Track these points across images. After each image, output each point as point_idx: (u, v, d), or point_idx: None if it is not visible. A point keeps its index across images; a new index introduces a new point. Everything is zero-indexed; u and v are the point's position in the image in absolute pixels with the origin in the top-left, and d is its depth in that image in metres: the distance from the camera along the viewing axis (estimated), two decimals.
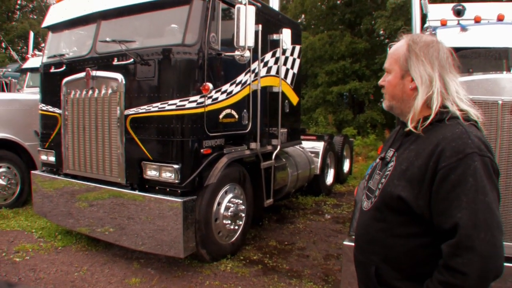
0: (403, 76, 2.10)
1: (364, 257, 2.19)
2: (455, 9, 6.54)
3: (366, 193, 2.29)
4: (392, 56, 2.15)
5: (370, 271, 2.10)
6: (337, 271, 6.31)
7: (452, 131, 1.92)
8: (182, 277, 6.02)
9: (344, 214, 9.72)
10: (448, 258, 1.79)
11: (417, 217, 1.93)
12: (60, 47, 7.68)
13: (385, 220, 2.05)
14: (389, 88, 2.17)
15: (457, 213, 1.79)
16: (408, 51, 2.08)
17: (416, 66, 2.05)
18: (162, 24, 6.52)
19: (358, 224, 2.32)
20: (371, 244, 2.13)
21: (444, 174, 1.83)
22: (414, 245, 1.97)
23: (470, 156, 1.83)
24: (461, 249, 1.76)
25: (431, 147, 1.92)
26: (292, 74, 8.79)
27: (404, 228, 1.99)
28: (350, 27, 25.00)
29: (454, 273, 1.77)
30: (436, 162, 1.87)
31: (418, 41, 2.10)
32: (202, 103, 6.02)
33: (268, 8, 8.02)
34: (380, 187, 2.10)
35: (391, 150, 2.22)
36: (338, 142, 12.91)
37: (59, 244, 7.15)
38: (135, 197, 6.11)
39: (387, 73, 2.19)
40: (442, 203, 1.84)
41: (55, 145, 7.36)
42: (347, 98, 25.66)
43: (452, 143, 1.87)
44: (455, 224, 1.78)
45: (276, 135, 8.06)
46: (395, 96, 2.16)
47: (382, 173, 2.16)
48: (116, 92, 6.24)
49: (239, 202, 6.82)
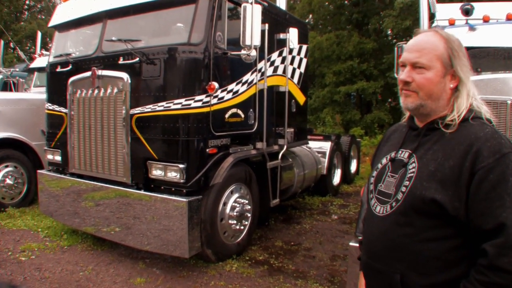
0: (445, 74, 2.01)
1: (384, 265, 2.07)
2: (464, 9, 6.48)
3: (378, 197, 2.17)
4: (431, 52, 2.00)
5: (394, 280, 2.00)
6: (343, 272, 6.27)
7: (483, 131, 1.89)
8: (187, 277, 6.00)
9: (351, 214, 9.66)
10: (495, 258, 1.74)
11: (450, 219, 1.87)
12: (67, 47, 7.69)
13: (412, 225, 1.96)
14: (429, 86, 2.01)
15: (502, 212, 1.76)
16: (449, 49, 2.00)
17: (459, 65, 2.00)
18: (168, 23, 6.51)
19: (370, 230, 2.20)
20: (393, 251, 2.02)
21: (483, 174, 1.80)
22: (444, 249, 1.91)
23: (507, 156, 1.81)
24: (508, 248, 1.73)
25: (463, 147, 1.88)
26: (299, 74, 8.75)
27: (434, 232, 1.92)
28: (357, 27, 24.92)
29: (501, 273, 1.74)
30: (473, 162, 1.82)
31: (453, 39, 2.04)
32: (208, 102, 6.00)
33: (275, 7, 7.99)
34: (404, 190, 2.00)
35: (405, 151, 2.12)
36: (345, 142, 12.86)
37: (64, 244, 7.16)
38: (141, 196, 6.10)
39: (420, 68, 2.02)
40: (482, 203, 1.80)
41: (61, 144, 7.36)
42: (354, 98, 25.59)
43: (487, 143, 1.84)
44: (500, 224, 1.75)
45: (282, 134, 8.02)
46: (433, 95, 2.02)
47: (400, 176, 2.07)
48: (121, 92, 6.23)
49: (245, 202, 6.79)
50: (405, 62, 2.07)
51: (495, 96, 3.94)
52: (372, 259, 2.17)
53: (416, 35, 2.13)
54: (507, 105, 3.85)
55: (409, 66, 2.05)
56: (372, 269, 2.18)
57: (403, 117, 2.36)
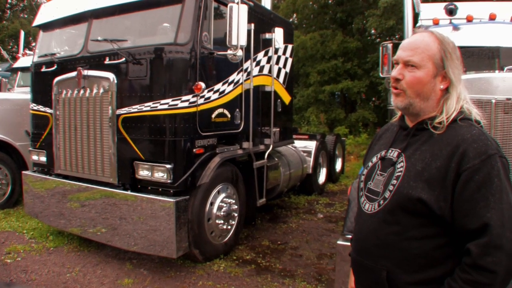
0: (436, 75, 2.03)
1: (372, 262, 2.11)
2: (448, 8, 6.56)
3: (367, 195, 2.21)
4: (424, 51, 2.03)
5: (380, 277, 2.04)
6: (330, 270, 6.31)
7: (470, 132, 1.92)
8: (175, 278, 5.99)
9: (336, 213, 9.71)
10: (478, 258, 1.79)
11: (436, 218, 1.91)
12: (51, 46, 7.62)
13: (399, 223, 2.00)
14: (417, 85, 2.04)
15: (486, 213, 1.80)
16: (443, 50, 2.02)
17: (452, 67, 2.03)
18: (154, 23, 6.47)
19: (360, 227, 2.24)
20: (381, 248, 2.06)
21: (469, 175, 1.83)
22: (430, 247, 1.94)
23: (493, 157, 1.85)
24: (491, 248, 1.77)
25: (450, 148, 1.91)
26: (285, 73, 8.78)
27: (420, 230, 1.95)
28: (341, 26, 25.02)
29: (484, 272, 1.78)
30: (459, 163, 1.86)
31: (448, 41, 2.06)
32: (195, 102, 6.00)
33: (261, 7, 8.01)
34: (392, 189, 2.04)
35: (395, 150, 2.16)
36: (330, 141, 12.93)
37: (50, 245, 7.10)
38: (127, 197, 6.08)
39: (412, 67, 2.04)
40: (467, 203, 1.84)
41: (47, 145, 7.30)
42: (338, 97, 25.68)
43: (473, 144, 1.87)
44: (485, 224, 1.79)
45: (268, 134, 8.05)
46: (422, 94, 2.05)
47: (388, 174, 2.11)
48: (108, 92, 6.20)
49: (231, 202, 6.80)
50: (398, 60, 2.10)
51: (480, 95, 3.98)
52: (360, 255, 2.21)
53: (413, 34, 2.17)
54: (492, 104, 3.90)
55: (402, 64, 2.08)
56: (361, 265, 2.21)
57: (394, 116, 2.39)
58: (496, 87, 3.96)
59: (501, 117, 3.88)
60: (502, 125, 3.88)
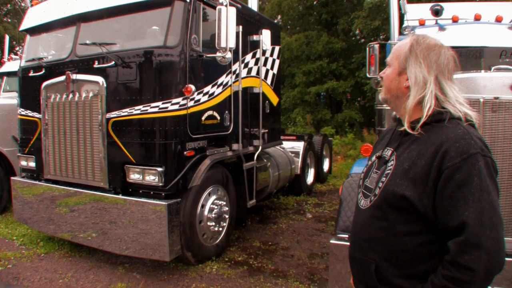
0: (400, 73, 2.14)
1: (362, 255, 2.19)
2: (433, 9, 6.62)
3: (363, 192, 2.29)
4: (395, 52, 2.19)
5: (370, 269, 2.11)
6: (322, 270, 6.35)
7: (455, 132, 1.96)
8: (168, 281, 5.99)
9: (325, 213, 9.76)
10: (456, 255, 1.83)
11: (420, 215, 1.96)
12: (39, 51, 7.54)
13: (386, 219, 2.07)
14: (386, 82, 2.22)
15: (464, 211, 1.83)
16: (409, 51, 2.11)
17: (413, 66, 2.09)
18: (143, 26, 6.46)
19: (355, 222, 2.34)
20: (370, 242, 2.15)
21: (449, 174, 1.87)
22: (415, 243, 2.00)
23: (474, 156, 1.87)
24: (468, 246, 1.81)
25: (434, 147, 1.95)
26: (272, 75, 8.81)
27: (406, 226, 2.01)
28: (326, 27, 25.08)
29: (462, 269, 1.81)
30: (441, 162, 1.90)
31: (422, 43, 2.12)
32: (185, 105, 6.00)
33: (248, 9, 8.04)
34: (381, 186, 2.11)
35: (389, 149, 2.23)
36: (318, 142, 12.98)
37: (41, 251, 7.06)
38: (117, 200, 6.06)
39: (388, 66, 2.23)
40: (448, 201, 1.88)
41: (35, 150, 7.24)
42: (324, 97, 25.76)
43: (456, 143, 1.91)
44: (463, 222, 1.83)
45: (257, 135, 8.09)
46: (390, 91, 2.21)
47: (381, 172, 2.18)
48: (97, 96, 6.18)
49: (222, 204, 6.82)
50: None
51: (468, 94, 4.03)
52: (354, 249, 2.31)
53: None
54: (480, 104, 3.95)
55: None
56: (354, 258, 2.31)
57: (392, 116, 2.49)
58: (484, 86, 4.01)
59: (489, 116, 3.93)
60: (491, 124, 3.93)
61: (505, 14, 6.62)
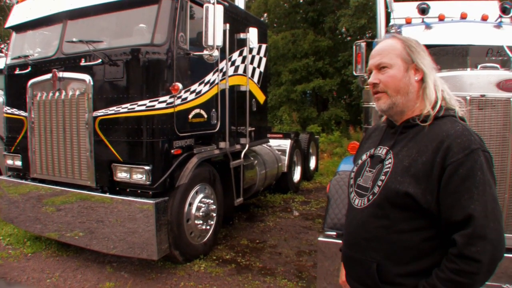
0: (408, 69, 2.14)
1: (362, 254, 2.18)
2: (420, 8, 6.66)
3: (357, 191, 2.29)
4: (391, 52, 2.16)
5: (371, 269, 2.11)
6: (310, 267, 6.38)
7: (454, 128, 2.00)
8: (156, 279, 5.98)
9: (312, 210, 9.80)
10: (463, 248, 1.86)
11: (423, 211, 1.98)
12: (25, 48, 7.47)
13: (388, 217, 2.07)
14: (393, 82, 2.14)
15: (470, 204, 1.88)
16: (407, 46, 2.15)
17: (419, 58, 2.13)
18: (130, 24, 6.43)
19: (350, 222, 2.32)
20: (370, 241, 2.14)
21: (453, 169, 1.91)
22: (418, 239, 2.02)
23: (476, 152, 1.93)
24: (475, 238, 1.85)
25: (435, 143, 1.99)
26: (259, 73, 8.82)
27: (408, 223, 2.03)
28: (313, 25, 25.08)
29: (469, 261, 1.85)
30: (444, 158, 1.93)
31: (409, 39, 2.19)
32: (172, 103, 6.00)
33: (235, 7, 8.04)
34: (380, 184, 2.11)
35: (383, 148, 2.24)
36: (304, 140, 13.02)
37: (28, 251, 6.99)
38: (103, 199, 6.04)
39: (384, 68, 2.16)
40: (452, 196, 1.91)
41: (22, 149, 7.17)
42: (310, 96, 25.79)
43: (457, 139, 1.95)
44: (469, 215, 1.87)
45: (244, 134, 8.10)
46: (400, 90, 2.15)
47: (377, 171, 2.18)
48: (84, 94, 6.14)
49: (210, 202, 6.81)
50: (371, 68, 2.23)
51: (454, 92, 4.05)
52: (351, 249, 2.29)
53: (378, 44, 2.30)
54: (466, 101, 3.99)
55: (375, 69, 2.21)
56: (351, 258, 2.30)
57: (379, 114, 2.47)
58: (471, 84, 4.05)
59: (476, 113, 3.98)
60: (477, 121, 3.98)
61: (491, 13, 6.68)
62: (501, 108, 3.90)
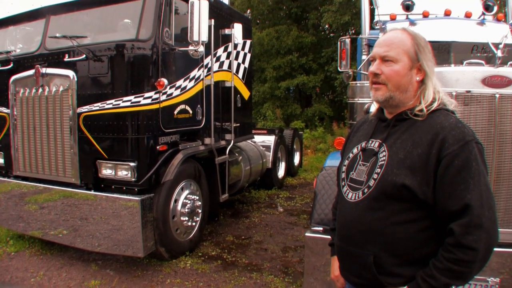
0: (412, 68, 2.14)
1: (357, 247, 2.19)
2: (404, 4, 6.71)
3: (350, 185, 2.29)
4: (399, 46, 2.15)
5: (368, 261, 2.13)
6: (296, 263, 6.39)
7: (448, 120, 2.05)
8: (142, 277, 5.94)
9: (297, 206, 9.83)
10: (460, 237, 1.91)
11: (419, 202, 2.01)
12: (7, 44, 7.33)
13: (384, 209, 2.09)
14: (396, 78, 2.15)
15: (466, 194, 1.92)
16: (416, 44, 2.14)
17: (425, 59, 2.14)
18: (114, 19, 6.36)
19: (344, 216, 2.32)
20: (367, 234, 2.15)
21: (449, 160, 1.95)
22: (414, 230, 2.05)
23: (470, 143, 1.97)
24: (472, 227, 1.90)
25: (430, 136, 2.02)
26: (244, 69, 8.81)
27: (405, 215, 2.05)
28: (296, 21, 25.09)
29: (466, 250, 1.90)
30: (439, 149, 1.97)
31: (420, 37, 2.19)
32: (157, 99, 5.96)
33: (220, 3, 7.99)
34: (376, 177, 2.13)
35: (376, 141, 2.25)
36: (288, 136, 13.05)
37: (11, 250, 6.89)
38: (87, 196, 5.99)
39: (388, 62, 2.16)
40: (449, 187, 1.95)
41: (4, 146, 7.06)
42: (293, 92, 25.81)
43: (452, 131, 1.99)
44: (466, 205, 1.92)
45: (229, 130, 8.09)
46: (400, 87, 2.15)
47: (371, 164, 2.20)
48: (67, 90, 6.06)
49: (195, 198, 6.80)
50: (375, 56, 2.21)
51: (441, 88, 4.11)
52: (345, 242, 2.30)
53: (387, 32, 2.29)
54: (453, 97, 4.01)
55: (379, 59, 2.19)
56: (346, 252, 2.31)
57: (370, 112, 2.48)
58: (456, 80, 4.08)
59: (461, 109, 4.01)
60: (462, 116, 4.00)
61: (474, 10, 6.75)
62: (486, 103, 3.95)
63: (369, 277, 2.15)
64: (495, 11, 6.96)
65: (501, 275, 3.78)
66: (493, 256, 3.69)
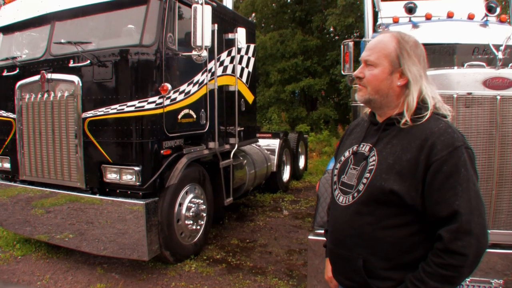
0: (392, 72, 2.14)
1: (348, 251, 2.21)
2: (407, 7, 6.73)
3: (341, 188, 2.30)
4: (380, 51, 2.16)
5: (357, 265, 2.14)
6: (300, 266, 6.41)
7: (438, 126, 2.04)
8: (147, 280, 5.98)
9: (302, 209, 9.83)
10: (449, 242, 1.91)
11: (408, 208, 2.02)
12: (13, 50, 7.40)
13: (373, 214, 2.10)
14: (374, 82, 2.16)
15: (455, 200, 1.92)
16: (399, 48, 2.13)
17: (408, 64, 2.12)
18: (118, 24, 6.41)
19: (335, 219, 2.34)
20: (356, 238, 2.16)
21: (437, 166, 1.95)
22: (402, 235, 2.06)
23: (459, 149, 1.96)
24: (461, 233, 1.90)
25: (419, 141, 2.02)
26: (248, 73, 8.84)
27: (393, 220, 2.06)
28: (301, 24, 25.08)
29: (455, 256, 1.90)
30: (428, 155, 1.97)
31: (408, 40, 2.16)
32: (161, 103, 6.00)
33: (223, 8, 8.04)
34: (365, 182, 2.13)
35: (366, 145, 2.25)
36: (293, 139, 13.04)
37: (18, 254, 6.95)
38: (93, 200, 6.03)
39: (370, 66, 2.18)
40: (437, 193, 1.95)
41: (10, 151, 7.12)
42: (298, 95, 25.79)
43: (441, 137, 1.98)
44: (454, 211, 1.92)
45: (233, 133, 8.11)
46: (380, 91, 2.16)
47: (362, 168, 2.20)
48: (73, 95, 6.11)
49: (200, 202, 6.83)
50: (361, 59, 2.25)
51: (442, 90, 4.10)
52: (336, 245, 2.32)
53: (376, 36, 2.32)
54: (454, 99, 4.03)
55: (363, 63, 2.23)
56: (337, 255, 2.33)
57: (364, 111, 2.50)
58: (458, 82, 4.10)
59: (463, 111, 4.02)
60: (464, 119, 4.02)
61: (477, 11, 6.76)
62: (487, 105, 3.95)
63: (359, 281, 2.16)
64: (498, 12, 6.95)
65: (505, 277, 3.79)
66: (497, 258, 3.74)
